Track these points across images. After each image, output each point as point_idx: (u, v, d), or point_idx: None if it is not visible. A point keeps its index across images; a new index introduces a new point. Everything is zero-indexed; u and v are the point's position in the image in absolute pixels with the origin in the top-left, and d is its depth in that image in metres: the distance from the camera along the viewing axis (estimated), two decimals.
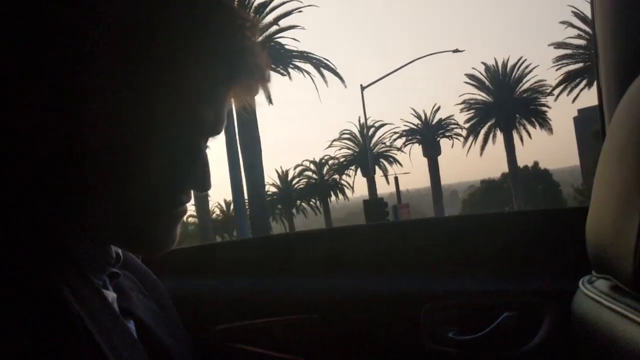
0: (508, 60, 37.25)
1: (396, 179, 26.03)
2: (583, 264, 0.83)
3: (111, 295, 0.65)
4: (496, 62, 37.29)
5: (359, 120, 41.45)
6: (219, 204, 43.87)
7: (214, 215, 41.23)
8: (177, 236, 0.65)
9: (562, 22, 31.31)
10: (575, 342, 0.86)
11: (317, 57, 23.54)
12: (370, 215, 20.80)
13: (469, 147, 37.73)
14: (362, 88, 22.04)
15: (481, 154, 37.16)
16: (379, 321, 1.15)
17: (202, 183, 0.62)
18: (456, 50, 23.63)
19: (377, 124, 41.05)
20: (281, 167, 46.38)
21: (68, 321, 0.49)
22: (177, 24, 0.53)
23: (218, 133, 0.64)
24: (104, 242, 0.64)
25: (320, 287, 1.20)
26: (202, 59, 0.57)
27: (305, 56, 23.63)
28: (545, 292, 1.08)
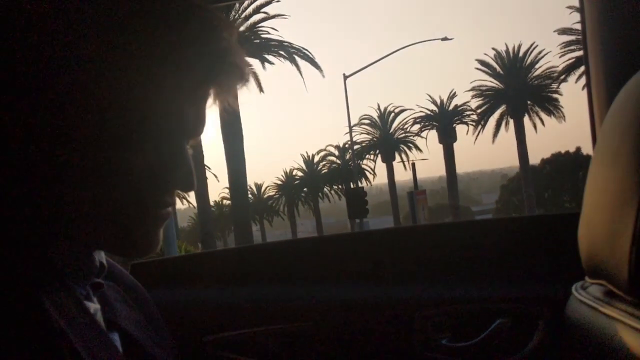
0: (520, 46, 36.19)
1: (413, 164, 25.04)
2: (576, 269, 0.82)
3: (94, 306, 0.64)
4: (507, 48, 36.46)
5: (378, 106, 41.32)
6: (250, 186, 43.90)
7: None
8: (160, 239, 0.64)
9: (569, 7, 30.98)
10: (569, 347, 0.85)
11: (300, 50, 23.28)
12: (351, 206, 20.24)
13: (477, 134, 36.99)
14: (345, 77, 21.88)
15: (493, 141, 36.41)
16: (372, 329, 1.13)
17: (187, 183, 0.61)
18: (445, 39, 23.51)
19: (396, 110, 40.85)
20: (307, 153, 46.28)
21: (48, 333, 0.48)
22: (152, 29, 0.53)
23: (199, 134, 0.63)
24: (87, 248, 0.62)
25: (312, 295, 1.19)
26: (180, 63, 0.57)
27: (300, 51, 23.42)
28: (538, 299, 1.07)
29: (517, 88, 34.61)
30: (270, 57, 22.06)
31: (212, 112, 0.65)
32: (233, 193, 20.45)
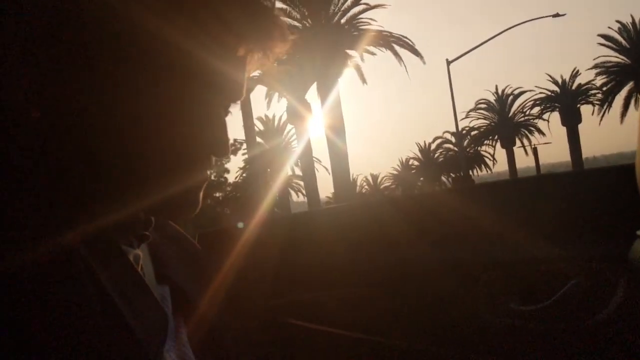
0: None
1: (535, 149, 23.29)
2: None
3: (134, 252, 0.64)
4: (633, 19, 32.65)
5: (496, 87, 39.73)
6: (366, 177, 44.80)
7: (363, 190, 42.45)
8: (200, 201, 0.65)
9: None
10: None
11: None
12: None
13: (602, 115, 34.17)
14: (448, 62, 21.13)
15: (621, 121, 33.66)
16: (434, 293, 1.09)
17: (222, 149, 0.62)
18: (556, 15, 21.84)
19: (515, 92, 39.00)
20: (424, 141, 46.00)
21: (81, 276, 0.50)
22: None
23: (239, 98, 0.64)
24: (128, 205, 0.64)
25: (376, 260, 1.16)
26: (221, 21, 0.57)
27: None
28: (616, 256, 0.96)
29: None
30: (371, 48, 21.91)
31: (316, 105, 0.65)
32: (336, 186, 20.68)
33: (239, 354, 0.80)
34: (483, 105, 39.45)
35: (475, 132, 39.22)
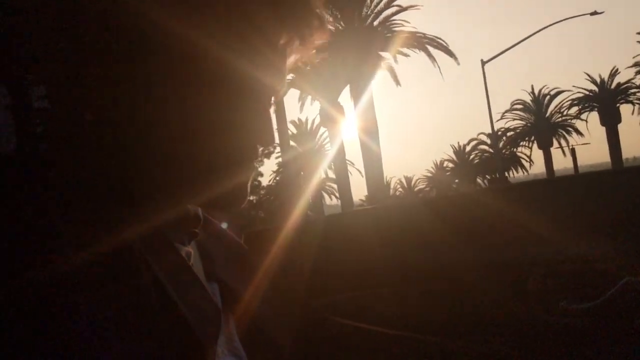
0: None
1: (573, 150, 22.27)
2: None
3: (186, 249, 0.66)
4: None
5: (532, 88, 38.89)
6: (400, 180, 44.66)
7: (397, 192, 42.13)
8: (248, 193, 0.66)
9: None
10: None
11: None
12: None
13: None
14: (483, 63, 20.77)
15: None
16: (485, 291, 1.08)
17: (268, 138, 0.63)
18: (594, 13, 21.20)
19: (552, 92, 38.16)
20: (458, 143, 45.39)
21: (138, 269, 0.52)
22: None
23: (280, 91, 0.65)
24: (179, 201, 0.66)
25: (423, 258, 1.16)
26: (264, 16, 0.58)
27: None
28: None
29: None
30: (405, 50, 21.77)
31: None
32: (369, 189, 20.60)
33: (285, 351, 0.81)
34: (519, 106, 38.52)
35: (511, 133, 38.40)
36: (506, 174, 36.22)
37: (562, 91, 37.41)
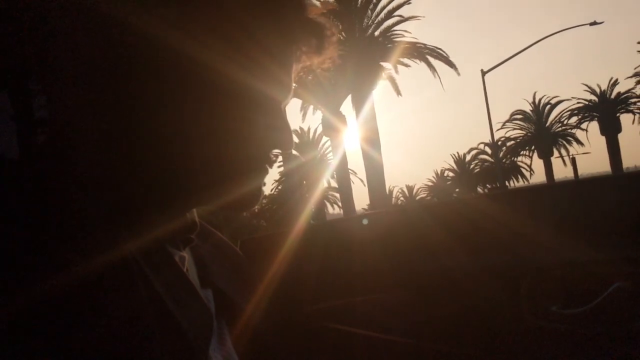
0: None
1: (573, 159, 22.06)
2: None
3: (180, 254, 0.68)
4: None
5: (534, 97, 39.00)
6: (402, 189, 44.92)
7: (399, 201, 42.74)
8: (262, 194, 0.68)
9: None
10: None
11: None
12: None
13: None
14: (483, 73, 20.78)
15: None
16: (477, 297, 1.09)
17: (286, 143, 0.65)
18: (594, 23, 21.20)
19: (552, 101, 37.85)
20: (458, 152, 45.52)
21: (136, 282, 0.53)
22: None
23: (288, 97, 0.67)
24: (181, 211, 0.67)
25: (418, 264, 1.17)
26: (276, 28, 0.61)
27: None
28: None
29: None
30: (405, 60, 21.82)
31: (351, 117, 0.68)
32: (371, 197, 20.58)
33: (282, 358, 0.83)
34: (519, 116, 38.67)
35: (512, 142, 38.49)
36: (507, 183, 36.25)
37: (562, 100, 37.52)
